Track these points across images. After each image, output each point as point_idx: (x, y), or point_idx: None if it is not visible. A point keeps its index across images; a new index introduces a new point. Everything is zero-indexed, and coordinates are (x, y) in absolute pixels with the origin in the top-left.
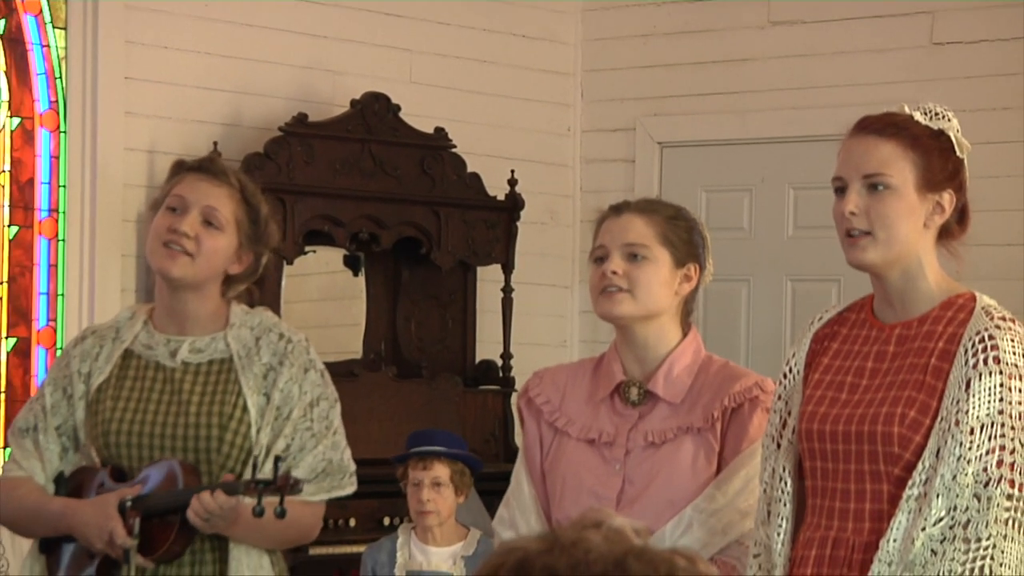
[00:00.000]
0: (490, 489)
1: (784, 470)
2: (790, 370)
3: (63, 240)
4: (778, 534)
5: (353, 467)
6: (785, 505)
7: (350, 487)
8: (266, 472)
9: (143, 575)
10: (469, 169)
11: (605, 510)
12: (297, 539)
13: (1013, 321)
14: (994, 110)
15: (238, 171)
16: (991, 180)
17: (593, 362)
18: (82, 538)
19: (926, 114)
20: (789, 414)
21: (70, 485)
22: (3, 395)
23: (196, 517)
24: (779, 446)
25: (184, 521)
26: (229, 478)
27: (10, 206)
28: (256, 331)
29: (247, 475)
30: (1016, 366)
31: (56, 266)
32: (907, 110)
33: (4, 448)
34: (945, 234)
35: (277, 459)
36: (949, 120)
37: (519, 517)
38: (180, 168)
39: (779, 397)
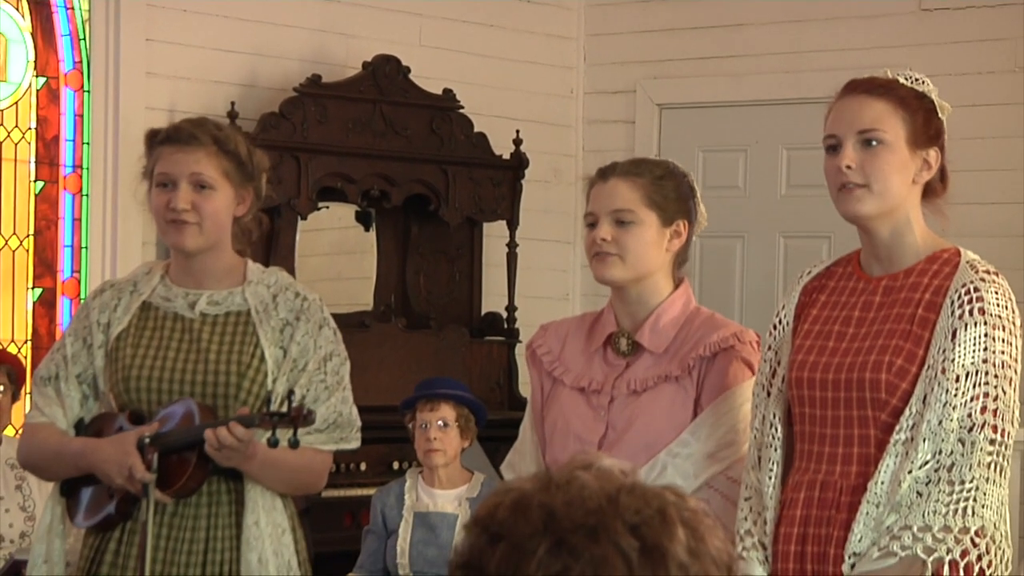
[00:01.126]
0: (494, 436)
1: (775, 417)
2: (780, 321)
3: (87, 195)
4: (769, 478)
5: (359, 423)
6: (776, 450)
7: (355, 442)
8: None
9: (161, 511)
10: (476, 129)
11: (594, 453)
12: (308, 484)
13: (996, 274)
14: (980, 74)
15: (203, 122)
16: (979, 141)
17: (594, 315)
18: (102, 474)
19: (907, 79)
20: (779, 363)
21: (90, 431)
22: (30, 343)
23: (212, 448)
24: (769, 394)
25: (200, 457)
26: (244, 411)
27: (36, 162)
28: (273, 288)
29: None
30: (1000, 317)
31: (80, 220)
32: (890, 74)
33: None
34: (929, 192)
35: (290, 392)
36: (927, 85)
37: (519, 461)
38: (153, 141)
39: (769, 347)
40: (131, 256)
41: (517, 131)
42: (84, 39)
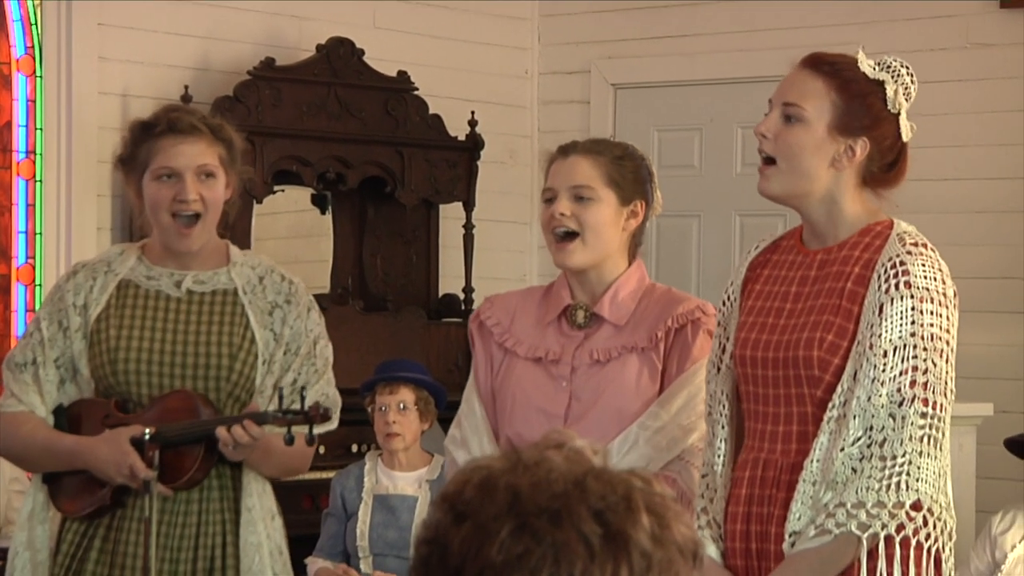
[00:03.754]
0: (452, 417)
1: (723, 394)
2: (728, 298)
3: (40, 181)
4: (718, 456)
5: (340, 402)
6: (723, 428)
7: (336, 421)
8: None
9: (161, 502)
10: (431, 111)
11: (567, 432)
12: (296, 468)
13: (925, 246)
14: (932, 51)
15: (194, 111)
16: (931, 118)
17: (542, 289)
18: (100, 473)
19: (878, 64)
20: (728, 340)
21: (69, 416)
22: None
23: (225, 447)
24: (718, 370)
25: (207, 450)
26: (255, 407)
27: None
28: (258, 271)
29: (262, 405)
30: (927, 289)
31: (34, 206)
32: (860, 55)
33: None
34: (872, 180)
35: (303, 389)
36: (898, 76)
37: (471, 436)
38: (147, 132)
39: (719, 324)
40: (86, 241)
41: (472, 112)
42: (35, 24)
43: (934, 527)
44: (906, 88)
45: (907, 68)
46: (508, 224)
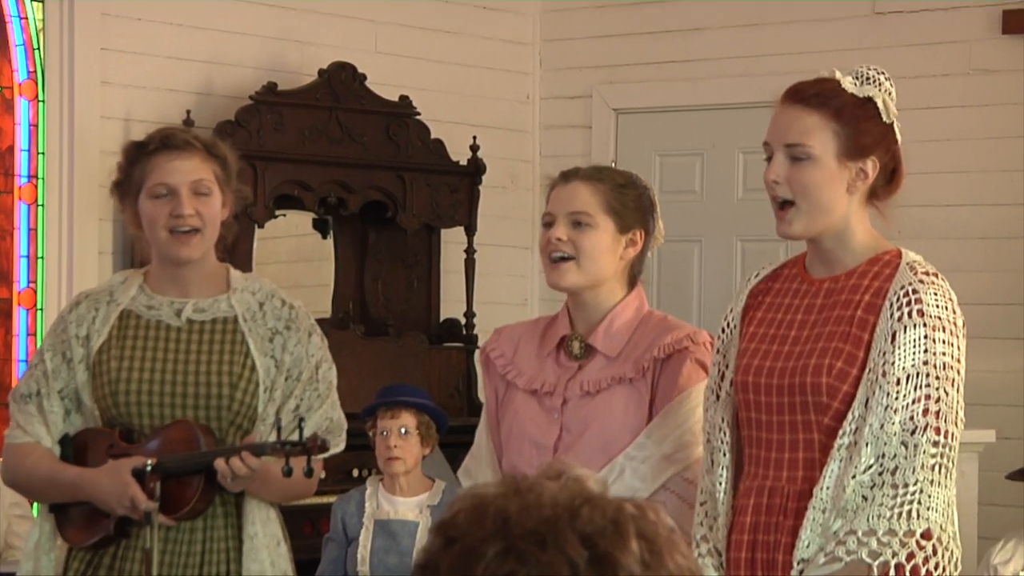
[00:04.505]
0: (454, 442)
1: (723, 421)
2: (728, 324)
3: (42, 205)
4: (719, 483)
5: (346, 424)
6: (724, 455)
7: (343, 444)
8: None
9: (165, 531)
10: (433, 135)
11: (567, 463)
12: (299, 494)
13: (936, 275)
14: (934, 76)
15: (187, 130)
16: (933, 144)
17: (547, 320)
18: (102, 505)
19: (857, 79)
20: (727, 367)
21: (75, 446)
22: None
23: (223, 479)
24: (718, 398)
25: (208, 480)
26: (253, 438)
27: None
28: (259, 296)
29: (264, 433)
30: (939, 318)
31: (36, 230)
32: (838, 75)
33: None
34: (872, 195)
35: (300, 420)
36: (880, 85)
37: (477, 468)
38: (141, 151)
39: (718, 351)
40: (87, 266)
41: (474, 137)
42: (38, 48)
43: (942, 556)
44: (890, 94)
45: (880, 72)
46: (509, 248)
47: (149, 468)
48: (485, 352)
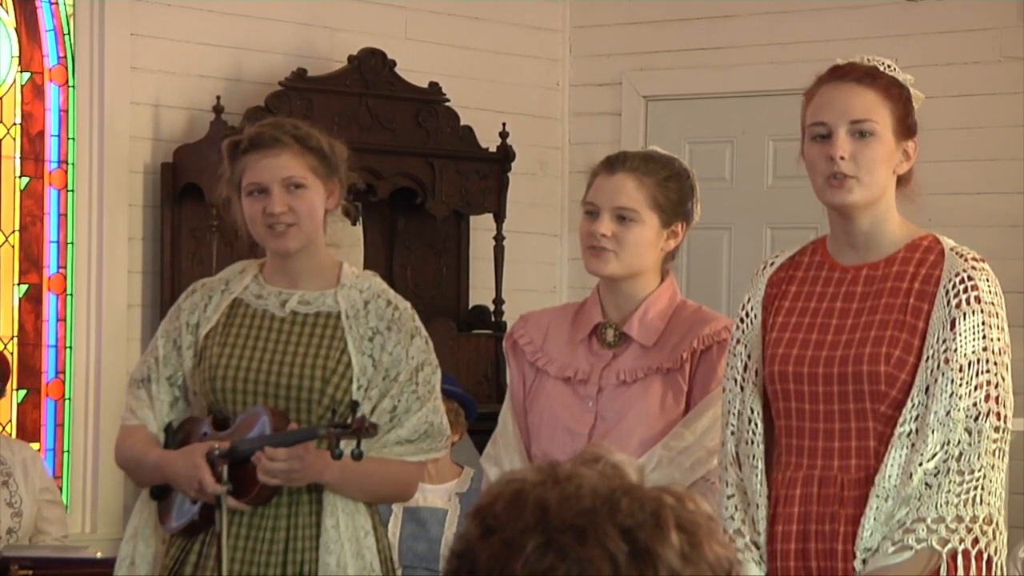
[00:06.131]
0: (482, 428)
1: (753, 412)
2: (747, 314)
3: (72, 190)
4: (755, 475)
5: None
6: (758, 446)
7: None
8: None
9: (241, 513)
10: (462, 122)
11: (605, 447)
12: (393, 496)
13: (983, 261)
14: (965, 64)
15: (281, 124)
16: (965, 131)
17: (576, 306)
18: (177, 487)
19: (882, 65)
20: (749, 357)
21: (179, 435)
22: (15, 339)
23: (266, 476)
24: (743, 389)
25: None
26: (293, 426)
27: (21, 158)
28: (365, 295)
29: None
30: (993, 304)
31: (66, 215)
32: (868, 61)
33: (17, 390)
34: (903, 180)
35: (354, 403)
36: (903, 76)
37: (503, 454)
38: (236, 151)
39: (738, 341)
40: (118, 251)
41: (503, 124)
42: (68, 34)
43: (999, 540)
44: (916, 84)
45: (894, 65)
46: (538, 236)
47: (218, 452)
48: (512, 338)
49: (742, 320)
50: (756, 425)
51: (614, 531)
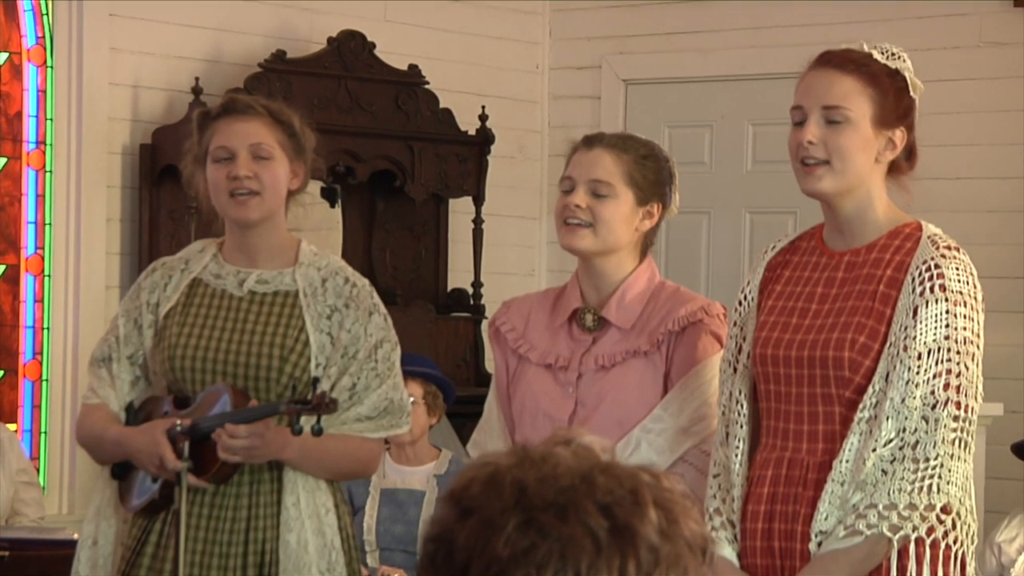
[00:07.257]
0: (460, 412)
1: (740, 393)
2: (745, 297)
3: (50, 171)
4: (736, 455)
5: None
6: (742, 427)
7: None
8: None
9: (202, 492)
10: (442, 105)
11: (575, 429)
12: (354, 472)
13: (958, 250)
14: (944, 49)
15: (256, 97)
16: (943, 116)
17: (557, 291)
18: (138, 463)
19: (883, 53)
20: (744, 340)
21: (140, 414)
22: None
23: (226, 453)
24: (735, 370)
25: None
26: (254, 403)
27: None
28: (323, 272)
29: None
30: (960, 293)
31: (44, 196)
32: (866, 48)
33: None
34: (894, 169)
35: (315, 380)
36: (904, 60)
37: (488, 441)
38: (206, 119)
39: (734, 324)
40: (95, 232)
41: (483, 107)
42: (47, 14)
43: (961, 530)
44: (912, 72)
45: (902, 51)
46: (517, 219)
47: (179, 428)
48: (495, 325)
49: (740, 303)
50: (742, 406)
51: (593, 508)
